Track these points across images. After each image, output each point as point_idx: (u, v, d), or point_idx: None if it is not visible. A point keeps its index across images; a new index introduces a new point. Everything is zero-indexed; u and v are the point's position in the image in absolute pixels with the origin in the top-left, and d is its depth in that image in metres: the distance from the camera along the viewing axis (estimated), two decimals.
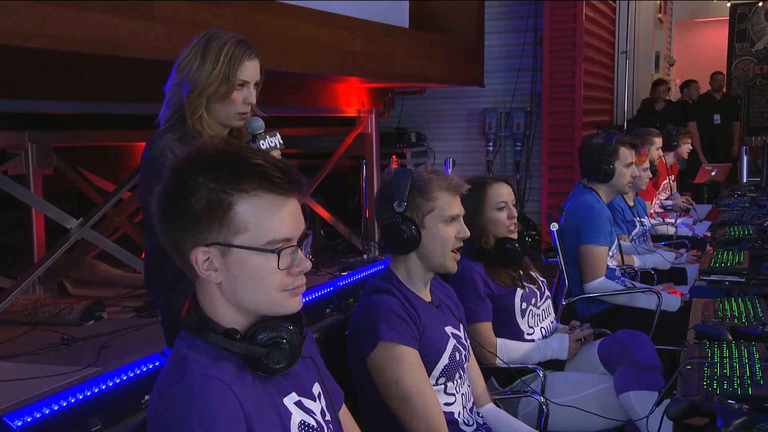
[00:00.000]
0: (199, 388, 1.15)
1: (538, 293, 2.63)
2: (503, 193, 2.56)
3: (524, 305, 2.55)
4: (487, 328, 2.47)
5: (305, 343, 1.31)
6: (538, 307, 2.61)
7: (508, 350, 2.45)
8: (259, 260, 1.21)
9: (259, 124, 2.13)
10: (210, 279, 1.22)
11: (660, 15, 11.34)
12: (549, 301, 2.72)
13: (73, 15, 2.83)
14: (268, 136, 2.12)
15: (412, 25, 5.61)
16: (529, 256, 2.76)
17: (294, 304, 1.26)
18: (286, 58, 3.94)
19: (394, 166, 6.46)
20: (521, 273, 2.61)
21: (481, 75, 6.36)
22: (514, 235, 2.57)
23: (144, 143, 2.13)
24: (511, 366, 2.36)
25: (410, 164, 6.84)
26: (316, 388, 1.38)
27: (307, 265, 1.26)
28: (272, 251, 1.21)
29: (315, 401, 1.36)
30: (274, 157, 1.24)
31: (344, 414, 1.52)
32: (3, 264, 4.47)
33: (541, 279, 2.72)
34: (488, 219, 2.55)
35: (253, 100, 2.14)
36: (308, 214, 5.64)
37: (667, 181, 5.61)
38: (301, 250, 1.26)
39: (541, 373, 2.36)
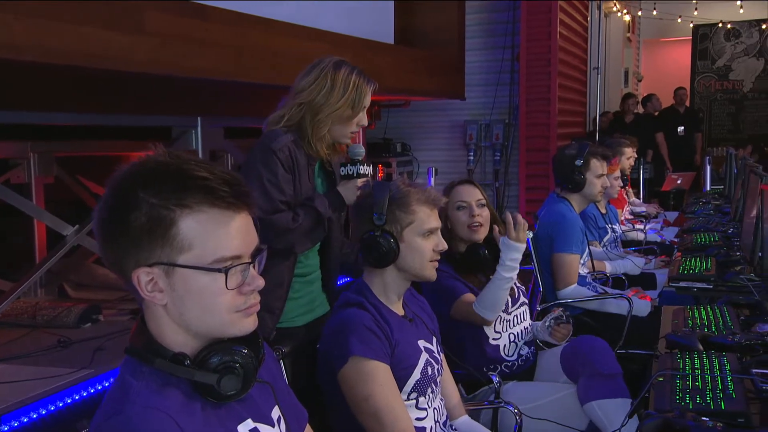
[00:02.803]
0: (139, 422, 0.99)
1: (510, 300, 2.45)
2: (463, 192, 2.45)
3: None
4: (467, 298, 2.34)
5: (265, 363, 1.15)
6: (510, 313, 2.44)
7: (481, 303, 2.29)
8: (205, 280, 1.04)
9: (361, 150, 2.19)
10: (155, 301, 1.06)
11: (629, 34, 11.31)
12: (524, 307, 2.54)
13: (65, 29, 2.69)
14: (365, 164, 2.16)
15: (397, 42, 5.52)
16: None
17: (247, 325, 1.09)
18: (275, 72, 3.81)
19: (380, 175, 6.34)
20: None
21: (462, 89, 6.28)
22: (478, 235, 2.41)
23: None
24: (475, 371, 2.20)
25: (396, 173, 6.72)
26: (276, 413, 1.21)
27: (260, 282, 1.09)
28: (219, 270, 1.04)
29: (273, 426, 1.19)
30: (220, 170, 1.07)
31: None
32: (7, 268, 4.32)
33: (518, 285, 2.54)
34: (451, 219, 2.45)
35: (365, 122, 2.21)
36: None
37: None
38: (254, 267, 1.09)
39: (495, 379, 2.21)
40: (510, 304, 2.45)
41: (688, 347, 1.89)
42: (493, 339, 2.39)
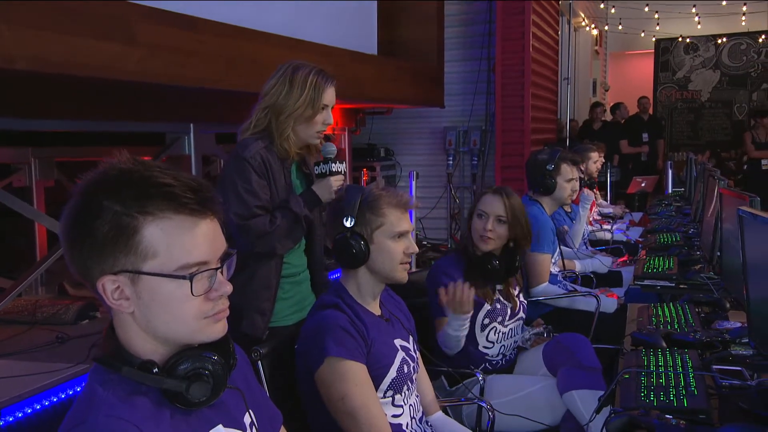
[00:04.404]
0: (102, 431, 0.91)
1: (509, 312, 2.36)
2: (487, 202, 2.40)
3: (486, 320, 2.30)
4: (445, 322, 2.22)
5: (238, 368, 1.07)
6: (506, 326, 2.35)
7: (442, 341, 2.21)
8: (171, 287, 0.96)
9: (333, 149, 2.14)
10: (121, 309, 0.98)
11: (596, 47, 11.34)
12: (521, 322, 2.44)
13: (57, 39, 2.59)
14: (338, 162, 2.11)
15: (381, 53, 5.44)
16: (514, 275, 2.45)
17: (216, 330, 1.01)
18: (264, 81, 3.72)
19: (365, 178, 6.26)
20: (499, 289, 2.37)
21: (441, 97, 6.21)
22: (486, 247, 2.34)
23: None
24: (454, 371, 2.12)
25: (380, 177, 6.66)
26: (248, 418, 1.12)
27: (228, 288, 1.01)
28: (184, 277, 0.97)
29: (245, 431, 1.11)
30: (185, 176, 0.99)
31: None
32: (8, 268, 4.21)
33: (521, 300, 2.45)
34: (471, 224, 2.41)
35: (331, 121, 2.14)
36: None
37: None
38: (222, 272, 1.01)
39: (480, 377, 2.13)
40: (507, 317, 2.36)
41: (653, 345, 1.84)
42: (484, 347, 2.32)
